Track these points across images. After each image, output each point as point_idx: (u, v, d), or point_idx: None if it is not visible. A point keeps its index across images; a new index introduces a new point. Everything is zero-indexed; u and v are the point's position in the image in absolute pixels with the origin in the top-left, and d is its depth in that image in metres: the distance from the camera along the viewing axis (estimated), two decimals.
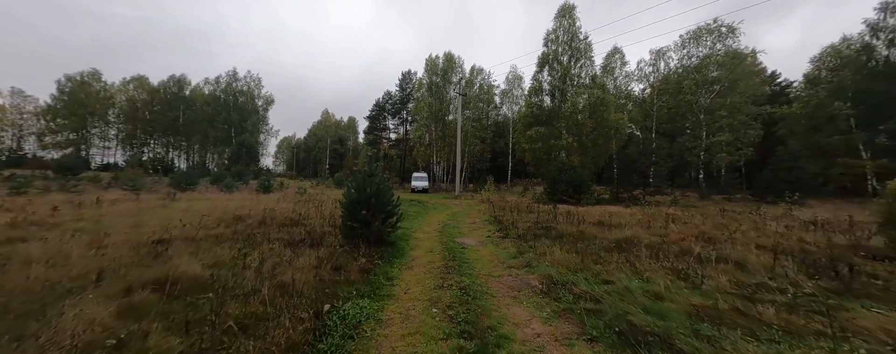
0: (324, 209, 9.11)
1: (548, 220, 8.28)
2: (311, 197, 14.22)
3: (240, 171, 23.85)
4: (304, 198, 12.72)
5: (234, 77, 45.98)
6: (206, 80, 47.16)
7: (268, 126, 49.78)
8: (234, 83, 46.10)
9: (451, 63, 32.12)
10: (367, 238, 5.41)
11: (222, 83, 45.63)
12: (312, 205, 9.90)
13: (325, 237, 5.77)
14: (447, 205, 14.96)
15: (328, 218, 7.75)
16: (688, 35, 23.69)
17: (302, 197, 13.18)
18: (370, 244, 5.41)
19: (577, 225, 7.17)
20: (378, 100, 45.78)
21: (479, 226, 8.86)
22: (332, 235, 5.94)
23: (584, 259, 4.55)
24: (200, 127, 43.73)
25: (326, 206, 9.59)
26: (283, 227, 6.69)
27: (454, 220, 10.17)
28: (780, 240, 5.50)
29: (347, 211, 5.59)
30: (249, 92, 47.51)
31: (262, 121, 49.36)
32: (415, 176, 27.61)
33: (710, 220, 9.05)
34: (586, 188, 16.08)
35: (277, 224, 6.92)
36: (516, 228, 7.64)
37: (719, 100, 21.79)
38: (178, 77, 48.01)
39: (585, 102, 18.42)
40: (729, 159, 21.33)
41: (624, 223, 7.58)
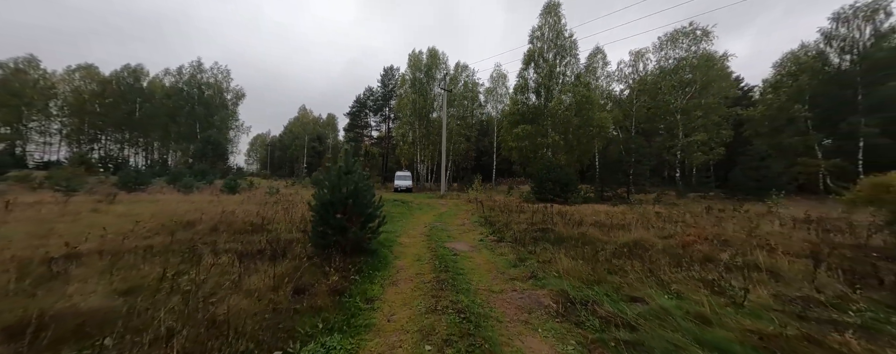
0: (294, 212, 8.06)
1: (543, 221, 7.74)
2: (282, 197, 12.94)
3: (203, 170, 21.72)
4: (274, 200, 11.48)
5: (199, 68, 42.48)
6: (166, 71, 43.28)
7: (238, 122, 46.52)
8: (199, 75, 42.59)
9: (435, 59, 31.29)
10: (342, 246, 4.55)
11: (185, 74, 42.02)
12: (281, 208, 8.79)
13: (290, 246, 4.83)
14: (433, 205, 14.19)
15: (298, 222, 6.75)
16: (665, 37, 24.38)
17: (271, 199, 11.91)
18: (346, 254, 4.56)
19: (577, 227, 6.67)
20: (359, 97, 44.09)
21: (470, 228, 8.18)
22: (301, 244, 5.01)
23: (595, 267, 3.96)
24: (160, 122, 39.98)
25: (298, 208, 8.53)
26: (240, 234, 5.65)
27: (442, 222, 9.43)
28: (783, 241, 5.23)
29: (319, 215, 4.69)
30: (217, 85, 44.12)
31: (231, 117, 46.04)
32: (398, 175, 26.63)
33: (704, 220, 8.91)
34: (573, 187, 15.91)
35: (234, 230, 5.85)
36: (510, 230, 7.02)
37: (694, 100, 22.55)
38: (134, 67, 43.72)
39: (571, 100, 18.31)
40: (704, 158, 22.13)
41: (623, 223, 7.18)
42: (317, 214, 4.70)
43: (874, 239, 5.28)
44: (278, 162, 72.62)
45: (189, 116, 40.17)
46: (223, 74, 44.37)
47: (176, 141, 41.32)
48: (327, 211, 4.60)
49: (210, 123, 41.10)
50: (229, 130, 46.00)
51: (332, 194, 4.70)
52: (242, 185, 17.37)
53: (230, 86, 45.01)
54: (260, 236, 5.42)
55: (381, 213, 5.46)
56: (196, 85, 41.99)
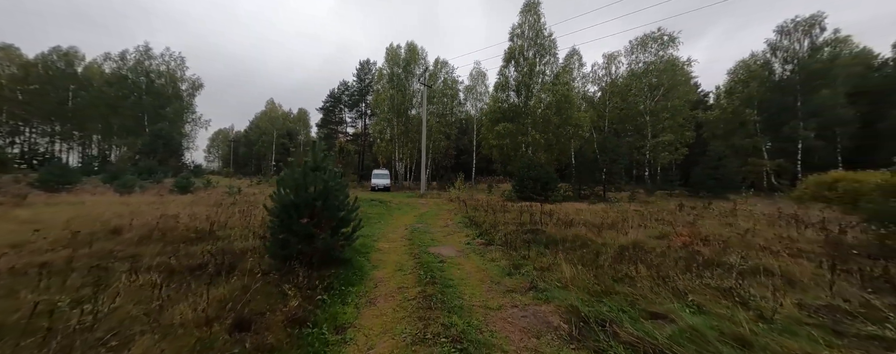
0: (254, 215, 7.03)
1: (531, 222, 7.38)
2: (242, 198, 11.59)
3: (150, 167, 19.21)
4: (233, 201, 10.18)
5: (147, 54, 38.02)
6: (106, 56, 38.28)
7: (195, 114, 42.37)
8: (148, 61, 38.12)
9: (413, 54, 30.34)
10: (308, 257, 3.80)
11: (130, 60, 37.40)
12: (239, 210, 7.69)
13: (243, 258, 3.98)
14: (413, 205, 13.50)
15: (258, 227, 5.81)
16: (636, 41, 25.42)
17: (230, 200, 10.57)
18: (313, 266, 3.81)
19: (567, 228, 6.36)
20: (333, 91, 41.91)
21: (454, 230, 7.63)
22: (257, 255, 4.17)
23: (599, 275, 3.57)
24: (99, 113, 35.28)
25: (259, 211, 7.49)
26: (182, 244, 4.65)
27: (423, 223, 8.81)
28: (777, 241, 5.23)
29: (279, 220, 3.89)
30: (170, 73, 39.78)
31: (187, 109, 41.81)
32: (375, 173, 25.54)
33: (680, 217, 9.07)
34: (553, 185, 15.96)
35: (173, 239, 4.82)
36: (498, 232, 6.58)
37: (662, 103, 23.75)
38: (66, 49, 38.25)
39: (551, 99, 18.40)
40: (670, 158, 23.37)
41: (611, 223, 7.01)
42: (276, 219, 3.89)
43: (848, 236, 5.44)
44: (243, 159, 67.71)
45: (135, 107, 35.84)
46: (177, 62, 40.12)
47: (119, 134, 36.71)
48: (290, 215, 3.82)
49: (161, 116, 36.99)
50: (185, 124, 41.82)
51: (297, 194, 3.93)
52: (197, 184, 15.52)
53: (185, 75, 40.80)
54: (205, 246, 4.47)
55: (357, 216, 4.74)
56: (143, 72, 37.54)
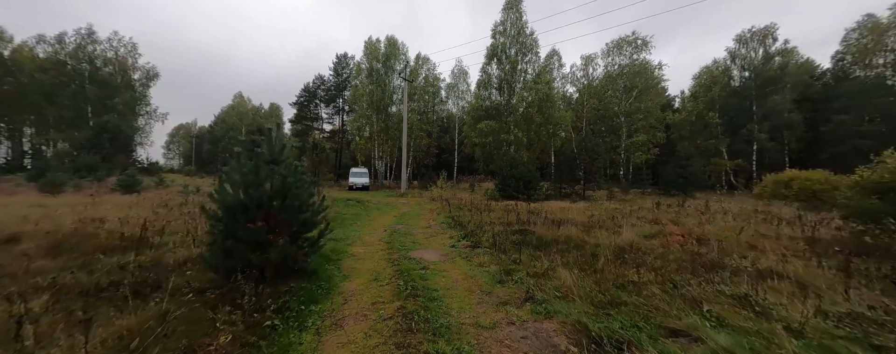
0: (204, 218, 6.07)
1: (517, 221, 7.02)
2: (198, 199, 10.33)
3: (91, 164, 16.90)
4: (183, 201, 8.98)
5: (91, 38, 33.93)
6: (39, 38, 33.76)
7: (150, 107, 38.50)
8: (92, 47, 34.03)
9: (394, 48, 29.35)
10: (260, 270, 3.11)
11: (69, 44, 33.20)
12: (187, 212, 6.66)
13: (178, 271, 3.21)
14: (393, 205, 12.80)
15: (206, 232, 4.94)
16: (612, 43, 26.21)
17: (181, 200, 9.33)
18: (266, 281, 3.13)
19: (556, 228, 6.04)
20: (308, 85, 39.75)
21: (437, 231, 7.10)
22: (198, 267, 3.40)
23: (601, 282, 3.20)
24: (31, 102, 30.98)
25: None
26: (101, 255, 3.74)
27: (404, 224, 8.20)
28: (764, 239, 5.19)
29: (223, 225, 3.15)
30: (119, 61, 35.80)
31: (140, 101, 37.88)
32: (353, 171, 24.41)
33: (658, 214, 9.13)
34: (536, 184, 15.89)
35: (91, 249, 3.88)
36: (485, 233, 6.13)
37: (636, 104, 24.65)
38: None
39: (533, 97, 18.37)
40: (644, 157, 24.31)
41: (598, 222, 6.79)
42: (219, 224, 3.15)
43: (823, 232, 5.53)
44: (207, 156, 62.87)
45: (76, 97, 31.85)
46: (127, 48, 36.17)
47: (57, 128, 32.49)
48: (236, 218, 3.10)
49: (108, 107, 33.17)
50: (138, 117, 37.89)
51: (247, 193, 3.21)
52: (146, 183, 13.81)
53: (137, 63, 36.92)
54: (130, 257, 3.60)
55: (325, 218, 4.08)
56: (86, 58, 33.45)
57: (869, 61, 28.83)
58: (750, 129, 28.21)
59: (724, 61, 31.95)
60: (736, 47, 31.25)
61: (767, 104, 28.41)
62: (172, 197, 10.29)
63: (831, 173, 14.34)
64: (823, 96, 30.92)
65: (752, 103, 29.32)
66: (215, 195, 3.14)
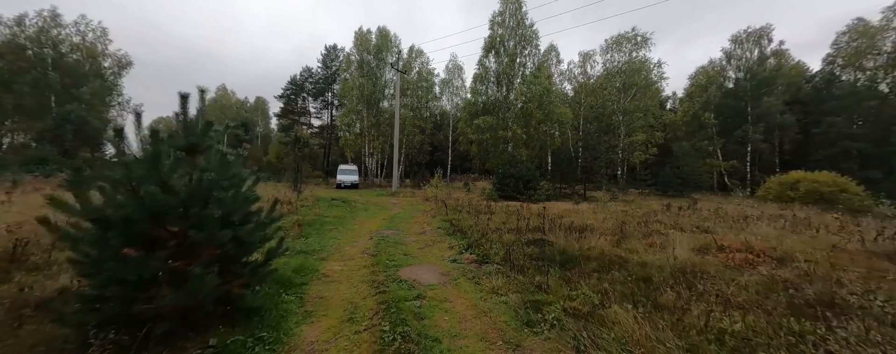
0: None
1: (527, 227, 6.00)
2: None
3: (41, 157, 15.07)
4: None
5: (56, 21, 31.25)
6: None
7: (122, 97, 35.93)
8: (56, 31, 31.34)
9: (386, 40, 27.95)
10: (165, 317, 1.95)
11: (29, 27, 30.46)
12: None
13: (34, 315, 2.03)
14: (383, 205, 11.64)
15: None
16: (611, 40, 25.55)
17: None
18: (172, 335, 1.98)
19: (578, 236, 5.03)
20: (294, 77, 37.89)
21: (434, 238, 6.03)
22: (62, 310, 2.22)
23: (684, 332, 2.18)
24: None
25: None
26: None
27: (395, 229, 7.09)
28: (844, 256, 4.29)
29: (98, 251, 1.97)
30: (87, 47, 33.15)
31: (112, 91, 35.28)
32: (341, 168, 23.09)
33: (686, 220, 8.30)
34: (536, 183, 14.98)
35: None
36: (491, 242, 5.09)
37: (635, 103, 24.08)
38: None
39: (533, 92, 17.43)
40: (643, 157, 23.79)
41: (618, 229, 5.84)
42: (86, 250, 1.96)
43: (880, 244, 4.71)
44: None
45: (38, 85, 29.22)
46: (96, 34, 33.54)
47: (15, 118, 29.79)
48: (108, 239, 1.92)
49: (75, 96, 30.64)
50: (109, 108, 35.30)
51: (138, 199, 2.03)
52: None
53: (108, 50, 34.31)
54: None
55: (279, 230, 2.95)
56: (50, 43, 30.77)
57: (859, 64, 29.10)
58: (745, 130, 28.13)
59: (720, 61, 31.91)
60: (732, 47, 31.18)
61: (762, 105, 28.37)
62: None
63: (838, 174, 13.99)
64: (814, 98, 31.19)
65: (747, 104, 29.27)
66: (72, 204, 1.92)
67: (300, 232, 6.06)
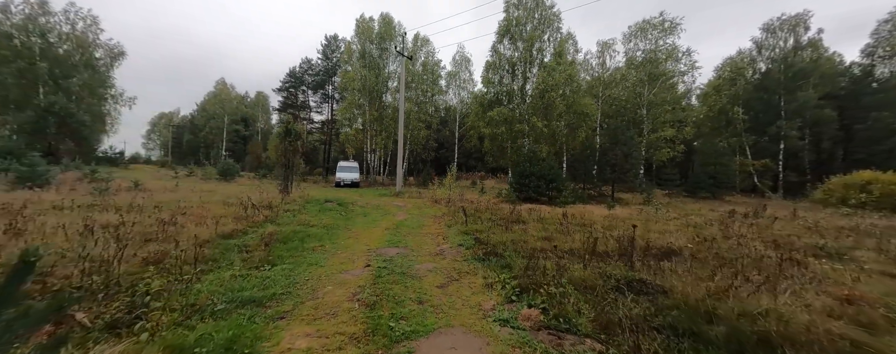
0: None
1: (593, 249, 4.13)
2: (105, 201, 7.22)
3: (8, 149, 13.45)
4: (58, 205, 5.89)
5: (44, 9, 29.74)
6: None
7: (114, 90, 34.47)
8: (44, 18, 29.84)
9: (389, 27, 26.01)
10: None
11: (15, 15, 28.98)
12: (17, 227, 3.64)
13: None
14: (385, 209, 9.82)
15: None
16: (635, 27, 23.37)
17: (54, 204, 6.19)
18: None
19: (700, 276, 3.13)
20: (293, 69, 36.14)
21: (459, 266, 4.19)
22: None
23: None
24: None
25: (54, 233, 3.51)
26: None
27: (400, 245, 5.26)
28: None
29: None
30: (78, 37, 31.65)
31: (105, 82, 33.83)
32: (341, 165, 21.42)
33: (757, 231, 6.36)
34: (560, 184, 13.05)
35: None
36: (547, 277, 3.22)
37: (662, 95, 21.95)
38: None
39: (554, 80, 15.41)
40: (671, 154, 21.72)
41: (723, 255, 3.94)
42: None
43: None
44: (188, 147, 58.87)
45: (23, 75, 27.78)
46: (87, 22, 32.02)
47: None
48: None
49: (64, 88, 29.19)
50: (101, 101, 33.87)
51: None
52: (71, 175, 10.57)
53: (99, 40, 32.81)
54: None
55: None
56: (38, 32, 29.27)
57: None
58: (779, 126, 25.83)
59: (750, 52, 29.52)
60: (763, 37, 28.77)
61: (798, 99, 25.99)
62: (66, 197, 7.13)
63: None
64: (851, 92, 28.75)
65: (780, 98, 26.91)
66: None
67: (267, 256, 4.24)
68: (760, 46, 28.82)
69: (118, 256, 3.12)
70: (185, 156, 56.85)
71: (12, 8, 29.10)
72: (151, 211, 6.19)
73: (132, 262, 3.34)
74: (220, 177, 21.90)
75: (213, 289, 2.97)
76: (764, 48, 28.57)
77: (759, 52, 28.91)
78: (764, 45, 28.63)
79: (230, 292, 2.95)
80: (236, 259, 4.01)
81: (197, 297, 2.75)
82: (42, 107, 22.85)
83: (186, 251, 3.67)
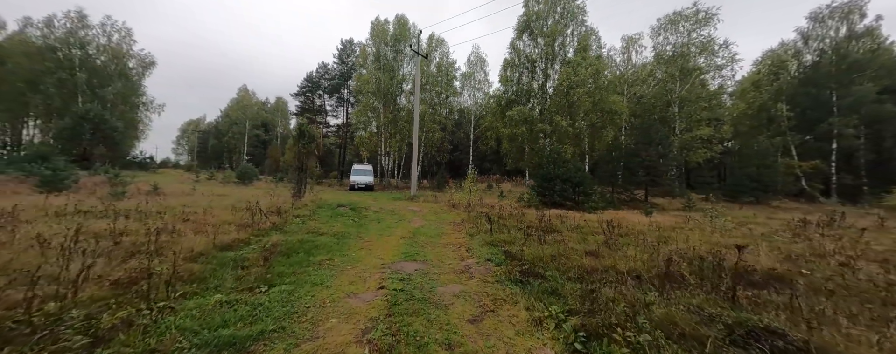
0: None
1: (664, 268, 3.23)
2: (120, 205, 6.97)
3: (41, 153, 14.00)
4: (61, 210, 5.60)
5: (83, 22, 31.67)
6: (26, 22, 31.78)
7: (145, 98, 36.20)
8: (83, 32, 31.77)
9: (403, 29, 25.74)
10: None
11: (58, 29, 30.99)
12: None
13: None
14: (401, 215, 9.16)
15: None
16: (665, 19, 21.83)
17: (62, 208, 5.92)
18: None
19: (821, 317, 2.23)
20: (310, 74, 36.70)
21: (491, 291, 3.41)
22: None
23: None
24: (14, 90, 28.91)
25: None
26: None
27: (419, 259, 4.53)
28: None
29: None
30: (113, 48, 33.50)
31: (137, 91, 35.60)
32: (355, 168, 21.12)
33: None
34: (589, 187, 11.97)
35: None
36: (615, 313, 2.37)
37: (697, 91, 20.27)
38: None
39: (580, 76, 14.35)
40: (708, 155, 19.95)
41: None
42: None
43: None
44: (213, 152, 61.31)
45: (64, 85, 29.58)
46: (121, 34, 33.85)
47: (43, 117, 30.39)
48: None
49: (100, 97, 30.87)
50: (134, 108, 35.66)
51: None
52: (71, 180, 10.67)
53: (132, 51, 34.60)
54: None
55: None
56: (78, 44, 31.17)
57: None
58: (830, 124, 23.29)
59: (794, 44, 27.01)
60: (810, 27, 26.25)
61: (852, 93, 23.37)
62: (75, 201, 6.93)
63: None
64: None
65: (831, 93, 24.33)
66: None
67: (265, 273, 3.61)
68: (807, 37, 26.31)
69: (81, 276, 2.55)
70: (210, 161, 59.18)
71: (55, 22, 31.19)
72: (154, 216, 5.80)
73: (101, 284, 2.77)
74: (239, 180, 22.16)
75: (187, 325, 2.32)
76: (811, 39, 26.04)
77: (805, 43, 26.40)
78: (811, 36, 26.10)
79: (208, 328, 2.30)
80: (228, 277, 3.40)
81: (162, 338, 2.11)
82: (79, 115, 24.09)
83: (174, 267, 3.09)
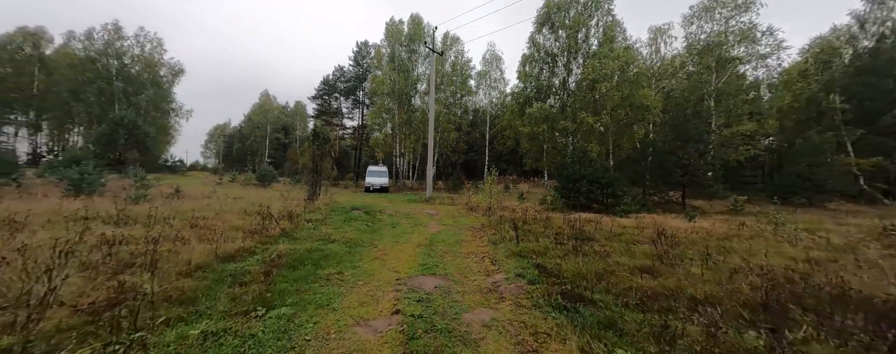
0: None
1: (751, 294, 2.45)
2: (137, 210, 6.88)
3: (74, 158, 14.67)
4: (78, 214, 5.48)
5: (118, 34, 33.67)
6: (69, 35, 34.12)
7: (175, 104, 38.03)
8: (119, 43, 33.78)
9: (418, 28, 25.42)
10: None
11: (97, 41, 33.08)
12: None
13: None
14: (416, 218, 8.64)
15: None
16: (699, 6, 20.18)
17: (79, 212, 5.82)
18: None
19: None
20: (327, 77, 37.24)
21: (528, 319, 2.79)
22: None
23: None
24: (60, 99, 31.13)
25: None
26: None
27: (438, 273, 3.95)
28: None
29: None
30: (146, 58, 35.43)
31: (167, 98, 37.49)
32: (370, 170, 20.93)
33: None
34: (620, 190, 10.96)
35: None
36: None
37: (737, 82, 18.53)
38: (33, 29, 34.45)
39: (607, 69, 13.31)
40: (751, 152, 18.17)
41: None
42: None
43: None
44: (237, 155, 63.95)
45: (102, 94, 31.52)
46: (153, 44, 35.74)
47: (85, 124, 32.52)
48: None
49: (134, 104, 32.69)
50: (168, 115, 37.62)
51: None
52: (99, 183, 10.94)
53: (163, 60, 36.46)
54: None
55: None
56: (115, 55, 33.17)
57: None
58: (895, 116, 20.68)
59: (848, 29, 24.34)
60: (866, 9, 23.57)
61: None
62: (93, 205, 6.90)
63: None
64: None
65: (894, 81, 21.65)
66: None
67: (265, 291, 3.15)
68: (863, 20, 23.63)
69: (46, 301, 2.15)
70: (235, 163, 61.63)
71: (95, 35, 33.36)
72: (161, 222, 5.57)
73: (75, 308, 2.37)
74: (259, 182, 22.56)
75: None
76: (868, 22, 23.36)
77: (861, 28, 23.72)
78: (868, 19, 23.42)
79: None
80: (223, 297, 2.96)
81: None
82: (114, 121, 25.50)
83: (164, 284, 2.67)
